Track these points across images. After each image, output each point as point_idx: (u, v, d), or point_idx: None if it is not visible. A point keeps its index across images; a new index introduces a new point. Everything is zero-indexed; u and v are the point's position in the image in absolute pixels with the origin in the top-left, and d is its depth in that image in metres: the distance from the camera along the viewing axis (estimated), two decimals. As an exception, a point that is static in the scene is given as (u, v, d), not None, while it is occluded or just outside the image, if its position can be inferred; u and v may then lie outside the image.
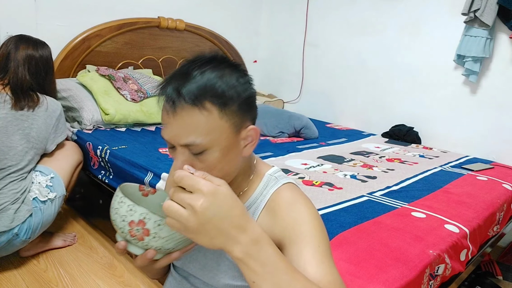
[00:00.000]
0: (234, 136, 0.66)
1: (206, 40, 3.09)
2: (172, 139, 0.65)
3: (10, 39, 1.68)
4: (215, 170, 0.66)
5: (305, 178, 1.65)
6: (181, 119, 0.62)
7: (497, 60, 2.30)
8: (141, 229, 0.56)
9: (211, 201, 0.51)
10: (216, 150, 0.64)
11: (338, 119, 3.13)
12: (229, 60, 0.69)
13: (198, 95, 0.62)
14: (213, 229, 0.52)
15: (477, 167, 2.01)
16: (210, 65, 0.65)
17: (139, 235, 0.57)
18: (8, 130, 1.57)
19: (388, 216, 1.33)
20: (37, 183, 1.63)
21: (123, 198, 0.59)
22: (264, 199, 0.74)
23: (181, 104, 0.62)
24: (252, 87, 0.69)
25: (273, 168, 0.80)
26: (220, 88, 0.63)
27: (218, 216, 0.52)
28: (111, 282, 1.63)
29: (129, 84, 2.36)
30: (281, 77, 3.54)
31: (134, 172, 1.68)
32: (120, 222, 0.58)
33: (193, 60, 0.66)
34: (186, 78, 0.63)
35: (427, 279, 1.10)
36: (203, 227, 0.52)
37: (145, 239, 0.57)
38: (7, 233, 1.49)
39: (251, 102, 0.68)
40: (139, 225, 0.56)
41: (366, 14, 2.89)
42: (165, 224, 0.56)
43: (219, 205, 0.52)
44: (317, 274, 0.62)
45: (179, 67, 0.66)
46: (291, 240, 0.67)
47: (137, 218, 0.56)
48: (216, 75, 0.63)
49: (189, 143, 0.63)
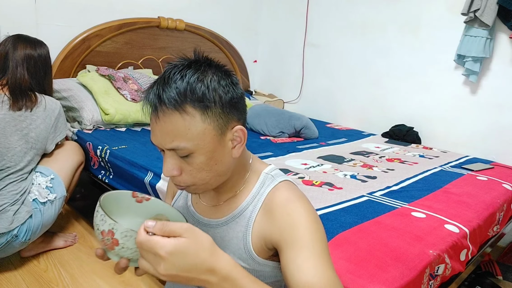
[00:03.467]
0: (219, 138, 0.66)
1: (206, 40, 3.09)
2: (159, 144, 0.66)
3: (8, 39, 1.66)
4: (204, 172, 0.67)
5: (305, 178, 1.65)
6: (164, 124, 0.64)
7: (497, 60, 2.30)
8: (111, 238, 0.58)
9: (172, 262, 0.53)
10: (202, 153, 0.65)
11: (338, 119, 3.13)
12: (212, 61, 0.68)
13: (178, 100, 0.62)
14: (184, 279, 0.55)
15: (477, 167, 2.01)
16: (191, 68, 0.65)
17: (109, 245, 0.59)
18: (6, 131, 1.56)
19: (388, 216, 1.33)
20: (37, 184, 1.63)
21: (98, 207, 0.60)
22: (261, 198, 0.74)
23: (163, 109, 0.63)
24: (236, 88, 0.68)
25: (270, 166, 0.80)
26: (201, 91, 0.63)
27: (183, 271, 0.54)
28: (112, 282, 1.63)
29: (129, 84, 2.36)
30: (281, 77, 3.54)
31: (134, 172, 1.68)
32: (96, 230, 0.60)
33: (175, 64, 0.66)
34: (167, 83, 0.63)
35: (427, 279, 1.10)
36: (174, 279, 0.54)
37: (115, 248, 0.58)
38: (7, 235, 1.49)
39: (236, 103, 0.68)
40: (108, 234, 0.58)
41: (366, 14, 2.88)
42: (131, 236, 0.57)
43: (181, 261, 0.53)
44: (311, 280, 0.62)
45: (162, 72, 0.67)
46: (287, 243, 0.67)
47: (107, 228, 0.58)
48: (196, 78, 0.63)
49: (173, 147, 0.64)
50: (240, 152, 0.70)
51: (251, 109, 2.61)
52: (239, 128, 0.68)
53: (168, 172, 0.67)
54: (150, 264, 0.54)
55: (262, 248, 0.73)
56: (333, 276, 0.64)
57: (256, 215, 0.74)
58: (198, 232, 0.56)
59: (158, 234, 0.53)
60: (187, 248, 0.53)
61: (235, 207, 0.76)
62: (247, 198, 0.75)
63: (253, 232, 0.73)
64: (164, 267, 0.53)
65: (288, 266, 0.65)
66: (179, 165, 0.67)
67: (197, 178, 0.68)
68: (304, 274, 0.63)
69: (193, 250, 0.54)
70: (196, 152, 0.65)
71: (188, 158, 0.66)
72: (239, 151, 0.70)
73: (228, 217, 0.76)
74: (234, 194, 0.77)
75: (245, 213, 0.75)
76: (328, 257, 0.66)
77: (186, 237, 0.54)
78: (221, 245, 0.73)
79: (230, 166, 0.71)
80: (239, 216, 0.75)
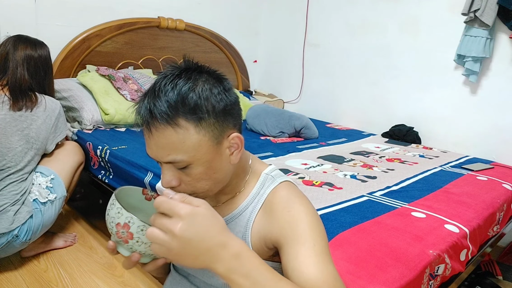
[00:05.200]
0: (215, 148, 0.65)
1: (206, 40, 3.09)
2: (155, 157, 0.66)
3: (8, 39, 1.67)
4: (203, 181, 0.67)
5: (305, 178, 1.65)
6: (158, 139, 0.63)
7: (497, 60, 2.30)
8: (126, 232, 0.58)
9: (189, 223, 0.52)
10: (199, 164, 0.64)
11: (338, 119, 3.13)
12: (203, 67, 0.67)
13: (170, 114, 0.61)
14: (195, 250, 0.53)
15: (477, 167, 2.01)
16: (182, 77, 0.63)
17: (124, 238, 0.59)
18: (7, 131, 1.56)
19: (388, 216, 1.33)
20: (37, 184, 1.63)
21: (114, 200, 0.61)
22: (261, 198, 0.74)
23: (155, 125, 0.62)
24: (229, 94, 0.66)
25: (270, 167, 0.80)
26: (193, 101, 0.61)
27: (197, 237, 0.53)
28: (111, 282, 1.63)
29: (129, 84, 2.36)
30: (281, 77, 3.54)
31: (134, 172, 1.68)
32: (110, 223, 0.61)
33: (165, 74, 0.64)
34: (157, 96, 0.62)
35: (427, 279, 1.10)
36: (184, 250, 0.53)
37: (129, 242, 0.59)
38: (7, 235, 1.49)
39: (230, 110, 0.66)
40: (124, 228, 0.58)
41: (366, 14, 2.88)
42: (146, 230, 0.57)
43: (198, 226, 0.53)
44: (312, 275, 0.62)
45: (153, 83, 0.65)
46: (287, 241, 0.67)
47: (122, 221, 0.58)
48: (188, 88, 0.62)
49: (170, 160, 0.64)
50: (239, 158, 0.70)
51: (251, 109, 2.61)
52: (236, 135, 0.67)
53: (167, 183, 0.66)
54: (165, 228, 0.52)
55: (261, 248, 0.73)
56: (334, 273, 0.64)
57: (255, 216, 0.74)
58: (214, 210, 0.57)
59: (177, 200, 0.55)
60: (205, 216, 0.54)
61: (234, 207, 0.76)
62: (246, 199, 0.75)
63: (253, 233, 0.73)
64: (181, 226, 0.52)
65: (289, 263, 0.64)
66: (177, 176, 0.66)
67: (196, 187, 0.67)
68: (305, 271, 0.62)
69: (209, 220, 0.54)
70: (194, 163, 0.64)
71: (186, 169, 0.65)
72: (237, 157, 0.69)
73: (227, 217, 0.76)
74: (234, 195, 0.77)
75: (245, 214, 0.75)
76: (328, 254, 0.66)
77: (205, 208, 0.55)
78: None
79: (229, 172, 0.71)
80: (239, 217, 0.75)
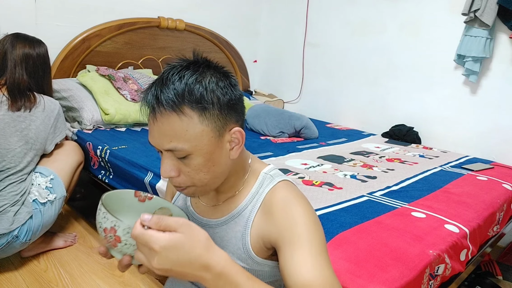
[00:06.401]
0: (217, 140, 0.66)
1: (206, 40, 3.09)
2: (156, 144, 0.66)
3: (6, 38, 1.65)
4: (202, 173, 0.67)
5: (305, 178, 1.65)
6: (161, 125, 0.64)
7: (497, 60, 2.30)
8: (113, 235, 0.59)
9: (165, 257, 0.53)
10: (199, 155, 0.65)
11: (338, 119, 3.13)
12: (211, 62, 0.68)
13: (176, 101, 0.62)
14: (178, 274, 0.54)
15: (477, 167, 2.01)
16: (190, 69, 0.64)
17: (112, 242, 0.59)
18: (6, 132, 1.56)
19: (388, 216, 1.33)
20: (36, 185, 1.63)
21: (100, 205, 0.61)
22: (260, 198, 0.74)
23: (160, 110, 0.63)
24: (235, 89, 0.68)
25: (269, 166, 0.80)
26: (199, 92, 0.63)
27: (176, 266, 0.53)
28: (111, 282, 1.63)
29: (129, 84, 2.36)
30: (281, 77, 3.54)
31: (134, 172, 1.68)
32: (98, 228, 0.61)
33: (173, 65, 0.66)
34: (165, 84, 0.63)
35: (427, 279, 1.10)
36: (168, 274, 0.54)
37: (117, 245, 0.59)
38: (7, 235, 1.49)
39: (234, 105, 0.67)
40: (111, 231, 0.59)
41: (366, 14, 2.88)
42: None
43: (174, 256, 0.53)
44: (308, 279, 0.62)
45: (160, 73, 0.66)
46: (285, 242, 0.67)
47: (109, 225, 0.59)
48: (195, 80, 0.63)
49: (171, 148, 0.64)
50: (238, 153, 0.70)
51: (251, 109, 2.61)
52: (237, 130, 0.68)
53: (166, 173, 0.67)
54: (145, 257, 0.54)
55: (261, 248, 0.73)
56: (331, 276, 0.64)
57: (255, 215, 0.74)
58: (194, 227, 0.55)
59: (153, 228, 0.53)
60: (181, 243, 0.53)
61: (234, 207, 0.76)
62: (246, 198, 0.75)
63: (252, 232, 0.73)
64: (157, 261, 0.52)
65: (286, 265, 0.65)
66: (177, 166, 0.67)
67: (195, 179, 0.68)
68: (302, 273, 0.63)
69: (187, 245, 0.53)
70: (194, 154, 0.65)
71: (186, 159, 0.66)
72: (237, 152, 0.70)
73: (227, 217, 0.76)
74: (233, 194, 0.77)
75: (244, 213, 0.75)
76: (326, 256, 0.66)
77: (181, 232, 0.53)
78: (220, 245, 0.73)
79: (228, 167, 0.71)
80: (238, 216, 0.75)
